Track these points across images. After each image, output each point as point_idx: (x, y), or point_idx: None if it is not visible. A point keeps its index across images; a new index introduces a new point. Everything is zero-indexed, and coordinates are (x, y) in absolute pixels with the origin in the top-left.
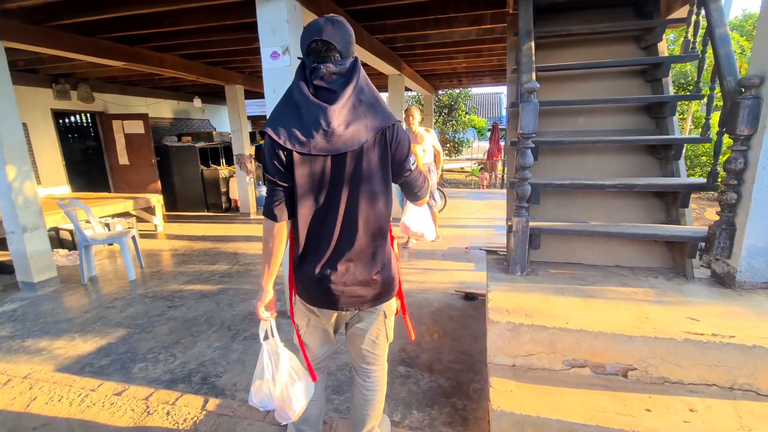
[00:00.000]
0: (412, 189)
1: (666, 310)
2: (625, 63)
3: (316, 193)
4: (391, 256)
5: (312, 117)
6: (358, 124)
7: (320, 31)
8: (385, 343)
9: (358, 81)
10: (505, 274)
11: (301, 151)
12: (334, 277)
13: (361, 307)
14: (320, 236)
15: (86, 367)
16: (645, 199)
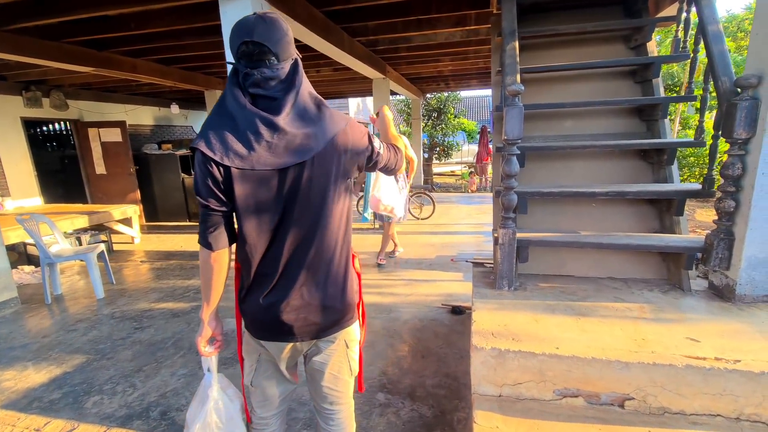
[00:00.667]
0: (388, 169)
1: (664, 330)
2: (613, 63)
3: (261, 213)
4: (350, 278)
5: (252, 128)
6: (306, 132)
7: (250, 31)
8: (349, 377)
9: (300, 86)
10: (492, 289)
11: (242, 166)
12: (284, 304)
13: (318, 336)
14: (267, 261)
15: (34, 402)
16: (637, 206)
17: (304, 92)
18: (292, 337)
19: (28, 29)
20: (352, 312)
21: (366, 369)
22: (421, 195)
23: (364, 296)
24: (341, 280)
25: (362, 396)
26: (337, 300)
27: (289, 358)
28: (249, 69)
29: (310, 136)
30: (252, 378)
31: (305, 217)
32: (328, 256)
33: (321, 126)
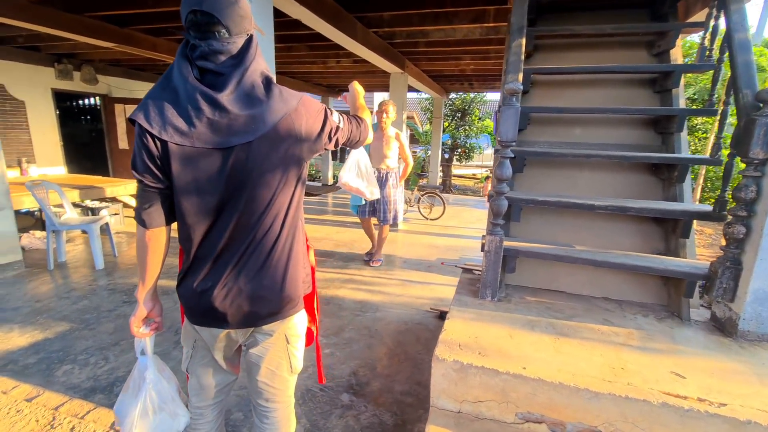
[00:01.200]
0: (352, 142)
1: (648, 360)
2: (631, 69)
3: (199, 194)
4: (293, 268)
5: (193, 103)
6: (253, 112)
7: (201, 0)
8: (289, 375)
9: (251, 63)
10: (474, 298)
11: (181, 142)
12: (217, 290)
13: (252, 325)
14: (206, 244)
15: (10, 365)
16: (642, 224)
17: (254, 70)
18: (225, 324)
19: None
20: (292, 304)
21: (337, 367)
22: (433, 195)
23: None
24: (281, 270)
25: (326, 394)
26: (274, 290)
27: (225, 347)
28: (197, 40)
29: (255, 116)
30: (188, 364)
31: (247, 201)
32: (268, 244)
33: (269, 105)
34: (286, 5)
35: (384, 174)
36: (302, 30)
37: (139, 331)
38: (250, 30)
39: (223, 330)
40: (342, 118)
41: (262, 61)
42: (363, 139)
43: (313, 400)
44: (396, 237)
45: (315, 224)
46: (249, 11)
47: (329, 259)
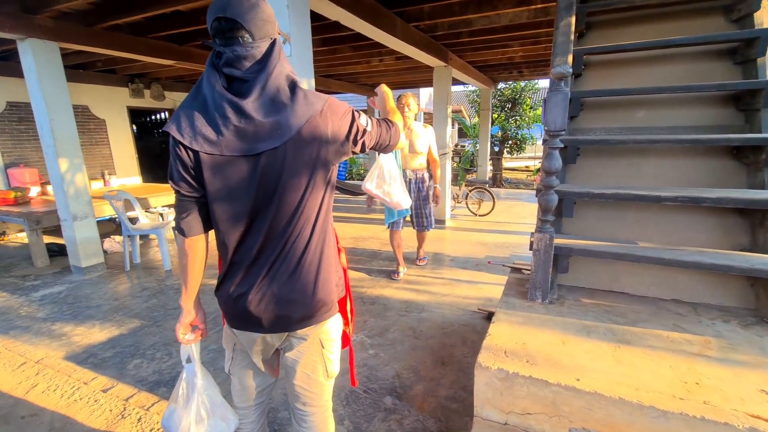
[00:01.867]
0: (382, 146)
1: (729, 375)
2: (702, 40)
3: (232, 200)
4: (325, 272)
5: (220, 111)
6: (278, 117)
7: (224, 6)
8: (325, 379)
9: (275, 67)
10: (523, 300)
11: (211, 151)
12: (251, 295)
13: (287, 329)
14: (241, 250)
15: (90, 358)
16: (722, 216)
17: (278, 74)
18: (261, 329)
19: (119, 26)
20: (326, 308)
21: (381, 369)
22: (481, 190)
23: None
24: (313, 274)
25: (370, 397)
26: (306, 294)
27: (262, 351)
28: (222, 47)
29: (281, 121)
30: (230, 366)
31: (278, 206)
32: (300, 248)
33: (294, 110)
34: (322, 7)
35: (420, 175)
36: (343, 31)
37: (185, 338)
38: (273, 34)
39: (259, 334)
40: (370, 122)
41: (286, 64)
42: (393, 144)
43: (357, 402)
44: (443, 234)
45: (362, 223)
46: (272, 15)
47: (375, 258)
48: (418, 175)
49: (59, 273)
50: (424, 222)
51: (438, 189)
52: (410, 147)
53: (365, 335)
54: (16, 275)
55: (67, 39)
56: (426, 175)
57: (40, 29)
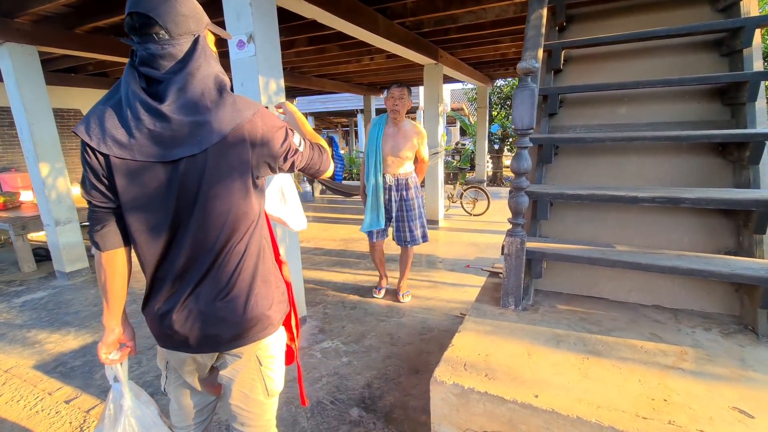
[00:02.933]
0: (311, 171)
1: (703, 390)
2: (686, 30)
3: (149, 212)
4: (260, 287)
5: (134, 112)
6: (199, 121)
7: (136, 1)
8: (265, 398)
9: (199, 68)
10: (495, 306)
11: (122, 156)
12: (176, 313)
13: (217, 349)
14: (163, 265)
15: (59, 367)
16: (706, 217)
17: (204, 76)
18: (189, 348)
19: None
20: (261, 326)
21: (352, 378)
22: (476, 189)
23: None
24: (245, 291)
25: (336, 408)
26: (237, 312)
27: (194, 370)
28: (136, 45)
29: (203, 126)
30: (165, 384)
31: (202, 218)
32: (230, 263)
33: (218, 115)
34: (296, 5)
35: (402, 181)
36: (327, 30)
37: (108, 358)
38: (197, 31)
39: (188, 354)
40: (304, 143)
41: (215, 64)
42: (323, 170)
43: (322, 414)
44: (436, 235)
45: (354, 224)
46: (195, 10)
47: (362, 261)
48: (401, 181)
49: (44, 278)
50: (406, 236)
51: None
52: (395, 149)
53: (341, 342)
54: (1, 280)
55: (45, 42)
56: (411, 181)
57: (18, 33)
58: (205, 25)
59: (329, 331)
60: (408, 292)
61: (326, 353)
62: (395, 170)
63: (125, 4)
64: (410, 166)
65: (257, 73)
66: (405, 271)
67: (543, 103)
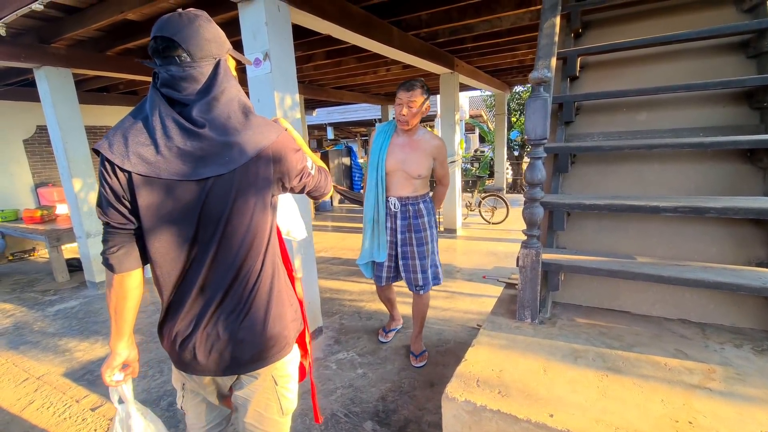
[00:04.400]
0: (316, 194)
1: (732, 412)
2: (709, 33)
3: (171, 232)
4: (276, 307)
5: (165, 131)
6: (226, 142)
7: (161, 26)
8: (280, 417)
9: (223, 91)
10: (511, 319)
11: (145, 173)
12: (195, 338)
13: (237, 372)
14: (182, 287)
15: (87, 374)
16: (735, 227)
17: (226, 98)
18: (207, 372)
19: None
20: (279, 345)
21: (366, 390)
22: (495, 197)
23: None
24: (263, 310)
25: (350, 421)
26: (255, 333)
27: (215, 389)
28: (158, 67)
29: (231, 147)
30: (182, 403)
31: (223, 239)
32: (248, 284)
33: (246, 136)
34: (309, 22)
35: (412, 207)
36: (343, 44)
37: (111, 380)
38: (220, 55)
39: (207, 376)
40: (314, 166)
41: (235, 87)
42: (326, 193)
43: (336, 427)
44: (453, 244)
45: None
46: (218, 35)
47: None
48: (410, 207)
49: (76, 288)
50: (417, 278)
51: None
52: (405, 164)
53: (356, 353)
54: (37, 290)
55: (79, 65)
56: (423, 207)
57: (54, 57)
58: (227, 50)
59: (345, 342)
60: (424, 351)
61: (341, 365)
62: (403, 192)
63: (151, 27)
64: (423, 189)
65: (273, 89)
66: (419, 326)
67: (558, 111)
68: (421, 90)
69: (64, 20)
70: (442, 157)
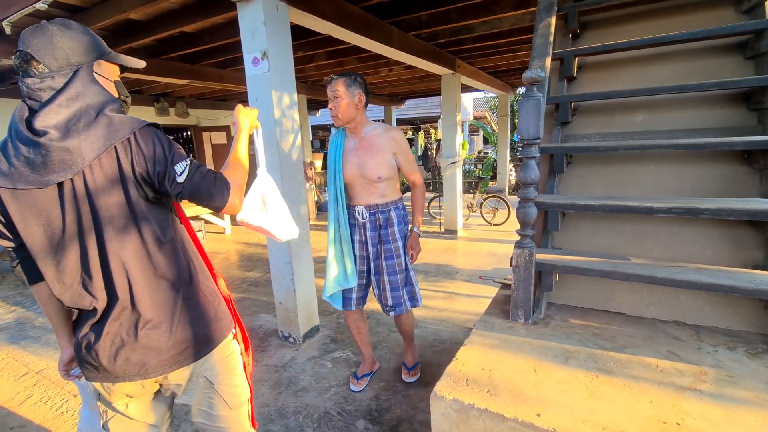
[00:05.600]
0: (202, 200)
1: (721, 414)
2: (705, 34)
3: (45, 241)
4: (197, 303)
5: (13, 142)
6: (65, 146)
7: (20, 39)
8: (228, 411)
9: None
10: (504, 320)
11: (5, 185)
12: (100, 344)
13: (146, 377)
14: (76, 295)
15: None
16: (731, 228)
17: (79, 103)
18: (113, 378)
19: (135, 49)
20: (199, 345)
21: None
22: (496, 198)
23: None
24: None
25: (343, 420)
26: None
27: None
28: (20, 80)
29: (71, 150)
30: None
31: (103, 243)
32: (149, 281)
33: (89, 137)
34: (307, 21)
35: (381, 216)
36: (345, 44)
37: (70, 374)
38: (81, 63)
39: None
40: (188, 173)
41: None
42: (216, 206)
43: (329, 425)
44: (454, 245)
45: None
46: (77, 43)
47: None
48: (380, 216)
49: None
50: (387, 296)
51: (416, 234)
52: (361, 168)
53: (352, 352)
54: None
55: None
56: (394, 214)
57: None
58: (96, 57)
59: (341, 341)
60: (418, 364)
61: (336, 363)
62: (369, 200)
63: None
64: (392, 193)
65: (271, 88)
66: (408, 339)
67: (555, 111)
68: (344, 80)
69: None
70: (401, 149)
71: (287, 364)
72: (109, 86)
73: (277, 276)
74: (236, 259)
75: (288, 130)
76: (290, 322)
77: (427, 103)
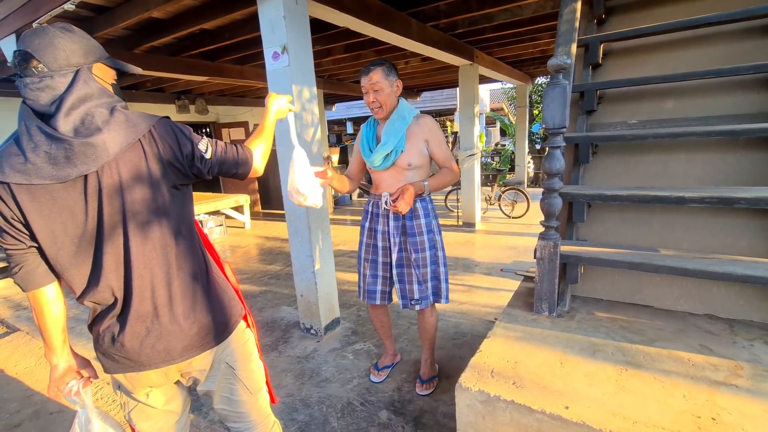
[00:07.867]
0: (230, 168)
1: (758, 410)
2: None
3: (65, 238)
4: (210, 292)
5: (29, 139)
6: (88, 141)
7: (20, 40)
8: (249, 396)
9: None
10: (528, 312)
11: (20, 182)
12: (125, 335)
13: (171, 363)
14: (93, 291)
15: None
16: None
17: (87, 104)
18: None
19: (158, 48)
20: (217, 330)
21: (383, 381)
22: (515, 191)
23: None
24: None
25: (366, 410)
26: (191, 320)
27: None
28: (19, 80)
29: (95, 145)
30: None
31: (126, 236)
32: (168, 273)
33: (112, 132)
34: (326, 15)
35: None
36: (362, 37)
37: (65, 391)
38: (81, 64)
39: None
40: (213, 145)
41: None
42: (242, 173)
43: (352, 415)
44: (472, 238)
45: None
46: (77, 46)
47: None
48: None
49: None
50: (412, 291)
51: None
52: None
53: (373, 344)
54: None
55: None
56: (419, 205)
57: None
58: (94, 60)
59: (362, 333)
60: (434, 377)
61: (358, 355)
62: (395, 187)
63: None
64: (416, 178)
65: (291, 82)
66: (428, 347)
67: (580, 100)
68: (381, 68)
69: (95, 20)
70: (434, 135)
71: (309, 356)
72: (107, 88)
73: (299, 269)
74: (256, 253)
75: (308, 123)
76: (312, 315)
77: (443, 95)
